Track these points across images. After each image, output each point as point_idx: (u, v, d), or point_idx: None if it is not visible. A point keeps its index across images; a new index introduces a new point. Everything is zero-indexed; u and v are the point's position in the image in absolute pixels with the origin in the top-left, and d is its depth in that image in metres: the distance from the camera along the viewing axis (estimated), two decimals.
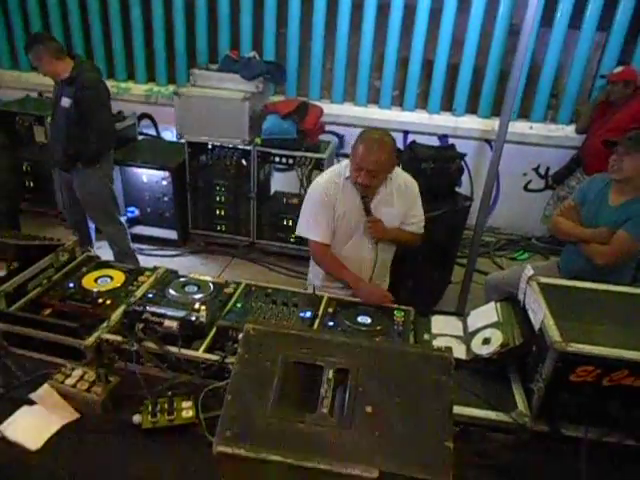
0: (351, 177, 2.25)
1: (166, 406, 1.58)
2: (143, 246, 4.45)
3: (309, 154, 3.95)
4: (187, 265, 4.21)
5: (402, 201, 2.38)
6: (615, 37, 4.17)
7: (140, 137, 5.02)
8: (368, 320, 1.93)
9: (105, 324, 1.84)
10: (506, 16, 4.27)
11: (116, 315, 1.89)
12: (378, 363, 1.27)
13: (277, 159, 4.03)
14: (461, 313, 2.15)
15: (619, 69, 3.86)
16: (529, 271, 1.90)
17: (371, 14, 4.46)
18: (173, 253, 4.44)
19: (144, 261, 3.98)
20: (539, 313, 1.70)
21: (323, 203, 2.30)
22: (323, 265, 2.42)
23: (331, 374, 1.25)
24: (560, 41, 4.27)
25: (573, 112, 4.57)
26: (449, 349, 1.32)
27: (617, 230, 2.46)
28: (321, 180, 2.37)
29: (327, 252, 2.37)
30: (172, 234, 4.50)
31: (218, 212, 4.35)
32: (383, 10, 4.47)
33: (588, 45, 4.25)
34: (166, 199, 4.41)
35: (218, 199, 4.30)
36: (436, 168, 3.19)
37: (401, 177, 2.40)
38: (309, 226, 2.35)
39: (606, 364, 1.51)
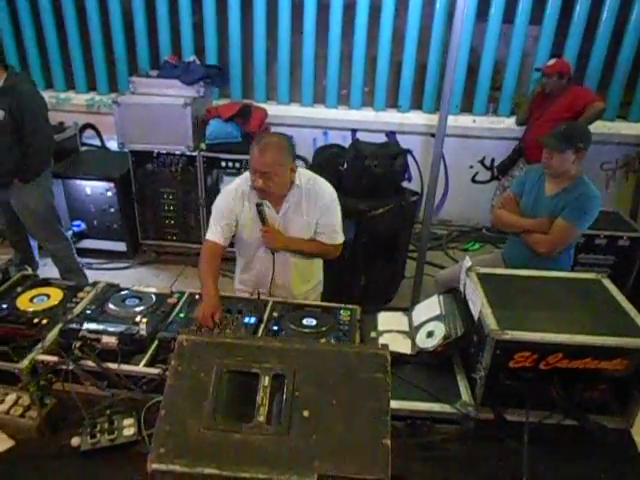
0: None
1: (106, 425, 1.54)
2: (92, 260, 4.32)
3: None
4: (138, 277, 4.11)
5: (312, 209, 2.26)
6: (547, 30, 4.31)
7: (83, 148, 4.87)
8: (313, 322, 1.93)
9: (40, 345, 1.78)
10: (444, 11, 4.35)
11: (52, 335, 1.82)
12: (314, 366, 1.27)
13: (224, 164, 3.99)
14: (407, 308, 2.17)
15: (552, 61, 3.98)
16: (467, 262, 1.94)
17: (311, 14, 4.47)
18: (123, 266, 4.32)
19: (93, 276, 3.84)
20: (477, 303, 1.73)
21: (221, 209, 2.26)
22: (200, 264, 2.28)
23: (267, 381, 1.24)
24: (496, 36, 4.39)
25: (513, 104, 4.71)
26: (385, 346, 1.33)
27: (555, 218, 2.52)
28: (228, 187, 2.32)
29: (209, 253, 2.27)
30: (121, 246, 4.37)
31: (167, 221, 4.26)
32: (323, 10, 4.49)
33: (522, 39, 4.39)
34: (112, 210, 4.29)
35: (166, 207, 4.22)
36: (380, 165, 3.22)
37: (313, 182, 2.28)
38: (209, 228, 2.31)
39: (541, 349, 1.56)
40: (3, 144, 3.17)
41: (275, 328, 1.90)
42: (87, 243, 4.41)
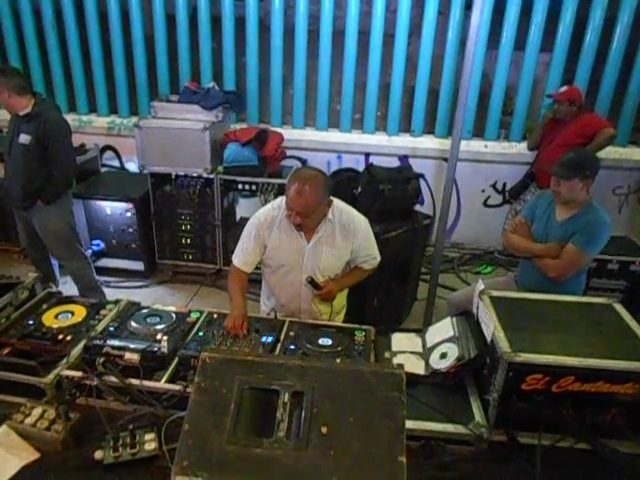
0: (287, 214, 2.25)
1: (128, 440, 1.58)
2: (110, 279, 4.41)
3: (271, 180, 4.01)
4: (154, 296, 4.18)
5: (346, 241, 2.34)
6: (557, 57, 4.40)
7: (103, 169, 5.01)
8: (329, 342, 1.97)
9: (65, 360, 1.84)
10: (456, 38, 4.45)
11: (76, 351, 1.88)
12: (332, 384, 1.31)
13: (240, 186, 4.08)
14: (421, 330, 2.21)
15: (563, 89, 4.05)
16: (480, 285, 1.98)
17: (327, 41, 4.60)
18: (140, 284, 4.40)
19: (111, 294, 3.92)
20: (490, 325, 1.77)
21: (253, 236, 2.33)
22: (229, 283, 2.43)
23: (287, 397, 1.28)
24: (507, 62, 4.49)
25: (524, 130, 4.77)
26: (401, 366, 1.37)
27: (565, 244, 2.56)
28: (260, 213, 2.38)
29: (236, 275, 2.39)
30: (139, 265, 4.46)
31: (184, 241, 4.35)
32: (338, 37, 4.62)
33: (533, 65, 4.47)
34: (131, 230, 4.40)
35: (183, 228, 4.31)
36: (393, 189, 3.28)
37: (347, 216, 2.34)
38: (236, 251, 2.41)
39: (553, 372, 1.59)
40: (29, 167, 3.29)
41: (292, 347, 1.94)
42: (106, 262, 4.51)
